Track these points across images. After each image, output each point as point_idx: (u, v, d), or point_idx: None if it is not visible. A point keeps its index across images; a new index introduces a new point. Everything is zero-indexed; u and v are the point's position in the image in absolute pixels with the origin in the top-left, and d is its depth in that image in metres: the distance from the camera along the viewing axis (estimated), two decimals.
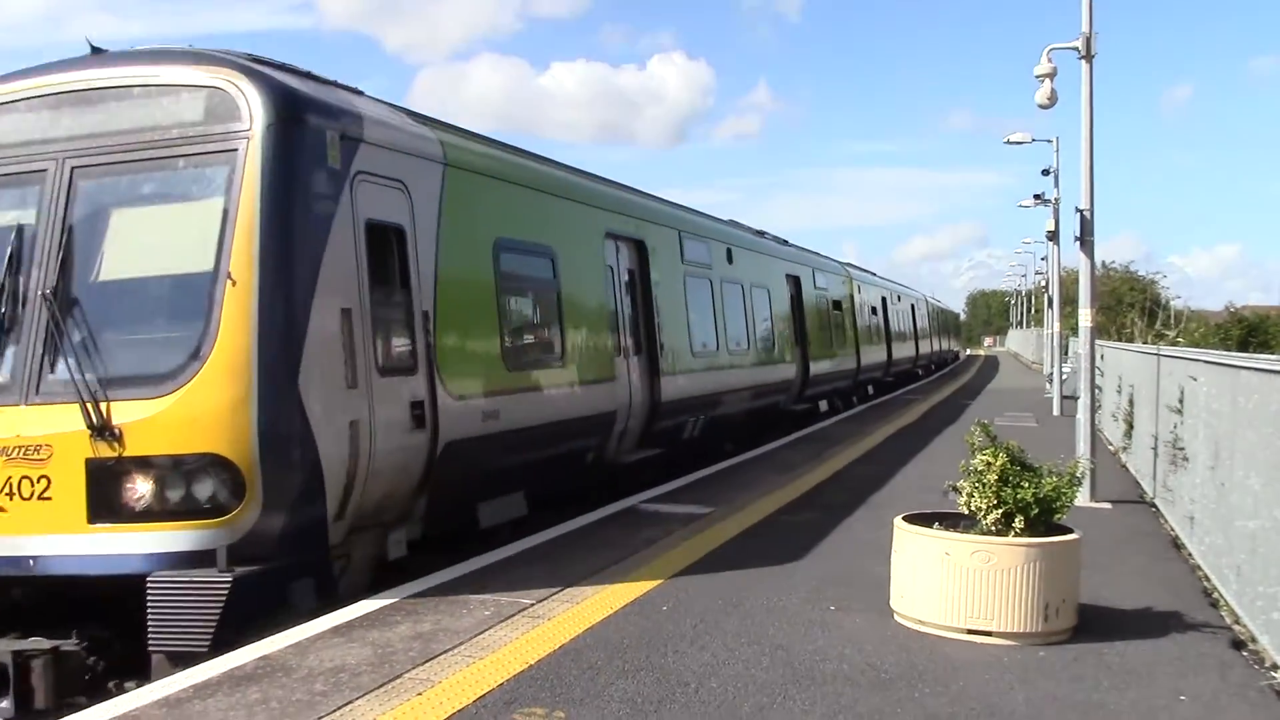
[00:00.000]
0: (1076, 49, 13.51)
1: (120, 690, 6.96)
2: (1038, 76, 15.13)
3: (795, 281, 24.44)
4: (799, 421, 23.61)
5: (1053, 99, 15.26)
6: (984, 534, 7.35)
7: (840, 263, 33.45)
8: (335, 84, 9.41)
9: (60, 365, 7.81)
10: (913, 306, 49.12)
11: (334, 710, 5.87)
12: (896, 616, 7.72)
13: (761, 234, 24.27)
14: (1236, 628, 7.71)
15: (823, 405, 27.17)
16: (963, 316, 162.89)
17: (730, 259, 19.47)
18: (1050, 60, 15.06)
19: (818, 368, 25.39)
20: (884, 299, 38.59)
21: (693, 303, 16.94)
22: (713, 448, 17.91)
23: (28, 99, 8.55)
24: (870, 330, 34.58)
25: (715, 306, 18.13)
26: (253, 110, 7.97)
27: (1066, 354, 30.90)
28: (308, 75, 9.05)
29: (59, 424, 7.58)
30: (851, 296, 31.74)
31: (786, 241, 26.48)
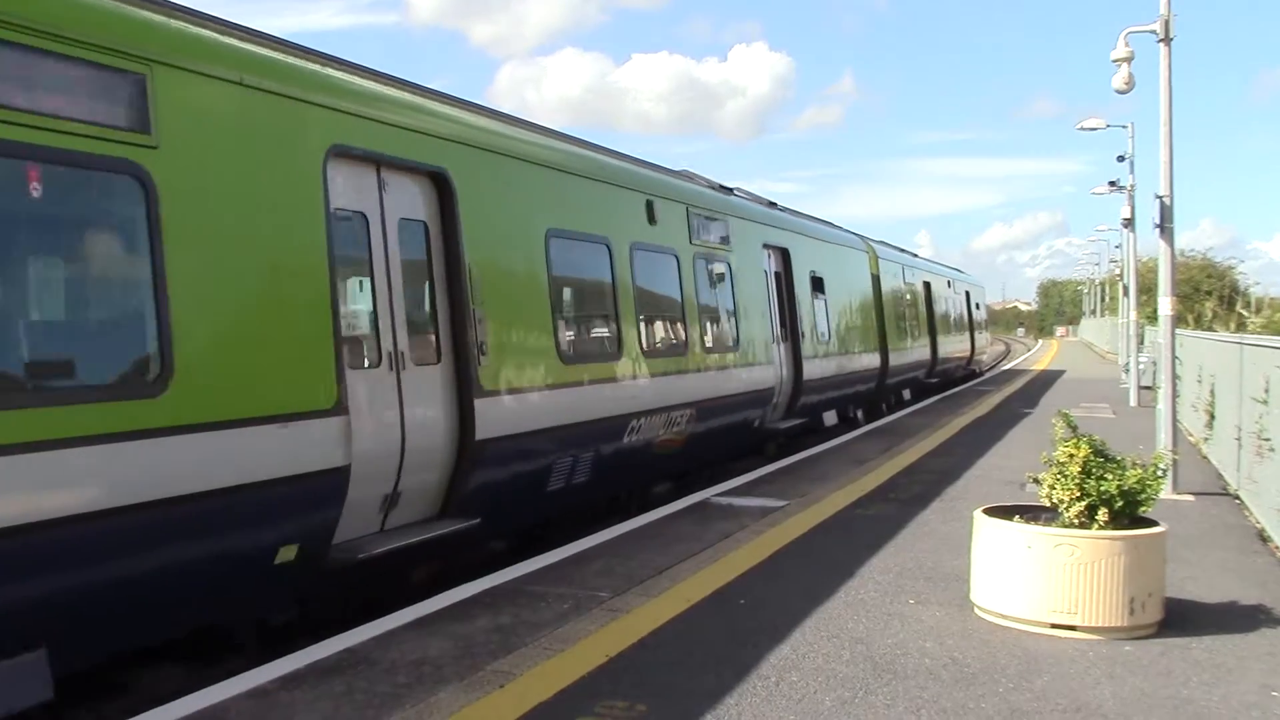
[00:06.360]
0: (1155, 32, 13.25)
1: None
2: (1115, 61, 14.86)
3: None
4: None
5: (1130, 84, 14.98)
6: (1066, 526, 7.25)
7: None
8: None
9: None
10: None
11: (418, 702, 5.95)
12: (977, 610, 7.64)
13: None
14: None
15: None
16: (1034, 306, 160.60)
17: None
18: (1128, 44, 14.80)
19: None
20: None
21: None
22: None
23: None
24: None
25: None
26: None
27: (1142, 343, 30.27)
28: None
29: None
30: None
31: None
